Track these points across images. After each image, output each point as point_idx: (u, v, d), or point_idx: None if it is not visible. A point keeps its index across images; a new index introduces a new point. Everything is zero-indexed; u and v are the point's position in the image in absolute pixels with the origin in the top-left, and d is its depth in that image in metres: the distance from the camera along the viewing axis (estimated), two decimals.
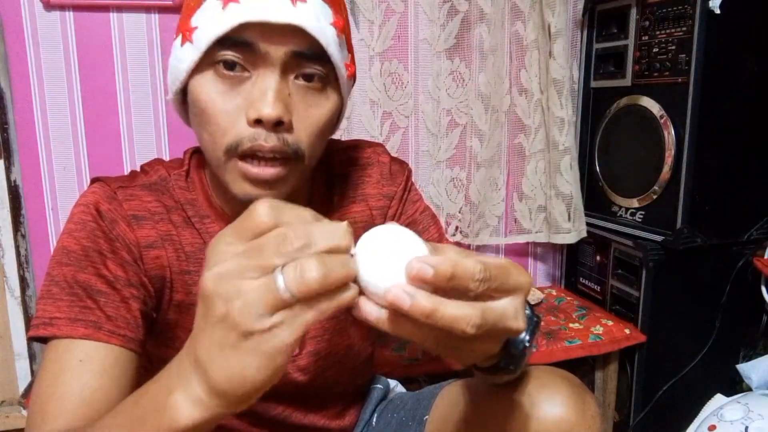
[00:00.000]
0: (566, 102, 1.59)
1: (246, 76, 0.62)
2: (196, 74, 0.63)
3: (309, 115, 0.64)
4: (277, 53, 0.60)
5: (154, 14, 1.46)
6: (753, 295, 1.51)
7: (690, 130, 1.34)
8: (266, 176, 0.63)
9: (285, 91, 0.62)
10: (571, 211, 1.65)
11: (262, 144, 0.61)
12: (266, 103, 0.59)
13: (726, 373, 1.54)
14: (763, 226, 1.47)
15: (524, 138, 1.71)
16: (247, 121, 0.61)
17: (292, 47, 0.61)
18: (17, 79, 1.41)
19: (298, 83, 0.63)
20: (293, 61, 0.61)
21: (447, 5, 1.57)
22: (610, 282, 1.59)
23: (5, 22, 1.38)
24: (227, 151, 0.63)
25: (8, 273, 1.45)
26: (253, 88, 0.61)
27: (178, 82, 0.65)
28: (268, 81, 0.60)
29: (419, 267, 0.41)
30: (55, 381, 0.60)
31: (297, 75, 0.63)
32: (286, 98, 0.62)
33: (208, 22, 0.61)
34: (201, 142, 0.67)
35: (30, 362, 1.49)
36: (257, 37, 0.60)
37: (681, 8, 1.35)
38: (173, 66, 0.66)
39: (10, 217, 1.43)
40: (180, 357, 0.45)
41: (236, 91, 0.62)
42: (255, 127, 0.61)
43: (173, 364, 0.46)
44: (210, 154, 0.66)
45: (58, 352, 0.62)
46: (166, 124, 1.51)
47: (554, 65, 1.58)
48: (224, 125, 0.62)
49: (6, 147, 1.42)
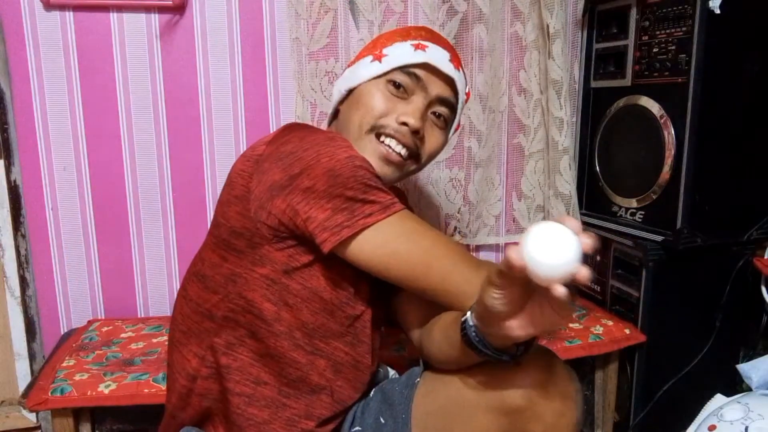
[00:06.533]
0: (565, 102, 1.59)
1: (403, 97, 0.91)
2: (370, 81, 0.91)
3: (432, 138, 0.94)
4: (432, 91, 0.92)
5: (154, 14, 1.46)
6: (753, 295, 1.51)
7: (690, 130, 1.34)
8: (392, 158, 0.89)
9: (425, 116, 0.92)
10: (570, 210, 1.65)
11: (400, 137, 0.89)
12: (415, 117, 0.89)
13: (726, 373, 1.54)
14: (763, 226, 1.47)
15: (523, 138, 1.71)
16: (397, 120, 0.89)
17: (442, 93, 0.93)
18: (17, 79, 1.41)
19: (432, 117, 0.93)
20: (437, 101, 0.93)
21: (446, 5, 1.57)
22: (610, 282, 1.59)
23: (5, 22, 1.38)
24: (373, 127, 0.89)
25: (8, 273, 1.45)
26: (408, 105, 0.90)
27: (353, 83, 0.93)
28: (420, 104, 0.91)
29: (589, 242, 0.60)
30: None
31: (434, 111, 0.93)
32: (425, 120, 0.92)
33: (398, 54, 0.91)
34: (347, 122, 0.92)
35: (30, 362, 1.49)
36: (425, 75, 0.91)
37: (681, 8, 1.35)
38: (356, 72, 0.94)
39: (10, 217, 1.43)
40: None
41: (393, 102, 0.90)
42: (400, 125, 0.89)
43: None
44: (354, 127, 0.90)
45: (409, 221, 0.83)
46: (166, 124, 1.51)
47: (553, 66, 1.58)
48: (378, 113, 0.89)
49: (6, 147, 1.42)
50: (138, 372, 1.21)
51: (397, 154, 0.89)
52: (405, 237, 0.79)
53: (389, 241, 0.78)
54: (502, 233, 1.77)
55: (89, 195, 1.50)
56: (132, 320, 1.51)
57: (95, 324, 1.48)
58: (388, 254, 0.78)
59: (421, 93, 0.91)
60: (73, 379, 1.18)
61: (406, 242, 0.79)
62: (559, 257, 0.58)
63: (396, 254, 0.78)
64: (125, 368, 1.23)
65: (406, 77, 0.90)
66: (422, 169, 0.98)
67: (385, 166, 0.89)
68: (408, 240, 0.79)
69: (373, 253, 0.78)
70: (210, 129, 1.54)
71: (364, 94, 0.91)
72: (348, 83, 0.94)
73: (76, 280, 1.53)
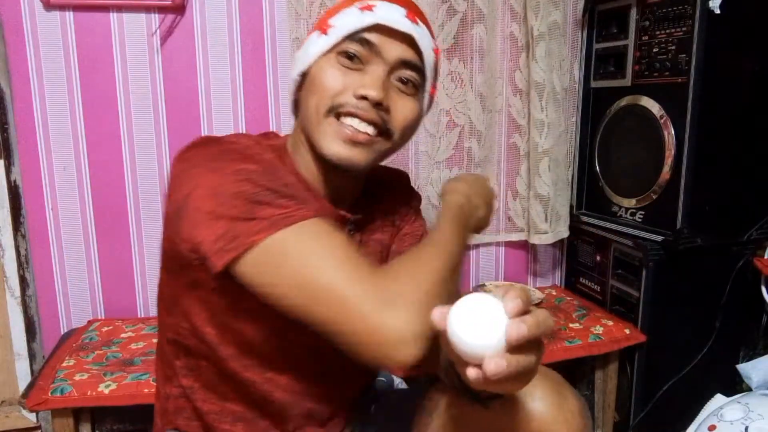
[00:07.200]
0: (546, 104, 1.60)
1: (359, 68, 0.78)
2: (321, 58, 0.79)
3: (401, 107, 0.80)
4: (389, 55, 0.78)
5: (154, 14, 1.46)
6: (753, 295, 1.51)
7: (690, 130, 1.34)
8: (359, 137, 0.77)
9: (387, 83, 0.78)
10: (548, 212, 1.66)
11: (361, 113, 0.76)
12: (374, 87, 0.76)
13: (726, 373, 1.54)
14: (763, 226, 1.47)
15: (519, 137, 1.72)
16: (354, 95, 0.76)
17: (403, 54, 0.78)
18: (17, 79, 1.41)
19: (397, 83, 0.80)
20: (399, 66, 0.79)
21: (446, 5, 1.57)
22: (610, 282, 1.59)
23: (5, 22, 1.38)
24: (330, 108, 0.77)
25: (8, 273, 1.45)
26: (365, 76, 0.77)
27: (304, 64, 0.81)
28: (378, 72, 0.77)
29: (518, 334, 0.49)
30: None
31: (398, 77, 0.79)
32: (388, 89, 0.78)
33: (344, 21, 0.78)
34: (305, 109, 0.81)
35: (30, 362, 1.49)
36: (379, 40, 0.77)
37: (681, 8, 1.35)
38: (304, 52, 0.82)
39: (10, 217, 1.43)
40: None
41: (350, 75, 0.78)
42: (359, 101, 0.76)
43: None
44: (311, 113, 0.79)
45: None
46: (166, 124, 1.51)
47: (535, 68, 1.59)
48: (333, 91, 0.77)
49: (6, 147, 1.42)
50: (138, 372, 1.21)
51: (363, 133, 0.77)
52: (291, 257, 0.66)
53: (271, 263, 0.66)
54: (500, 231, 1.78)
55: (89, 195, 1.50)
56: (132, 320, 1.51)
57: (95, 324, 1.48)
58: (271, 276, 0.67)
59: (377, 59, 0.77)
60: (73, 379, 1.18)
61: (291, 263, 0.66)
62: (475, 337, 0.50)
63: (278, 276, 0.67)
64: (125, 368, 1.23)
65: (357, 45, 0.77)
66: (401, 145, 0.85)
67: (353, 149, 0.77)
68: (295, 260, 0.66)
69: (260, 277, 0.67)
70: (210, 129, 1.53)
71: (316, 74, 0.79)
72: (299, 67, 0.82)
73: (76, 280, 1.52)
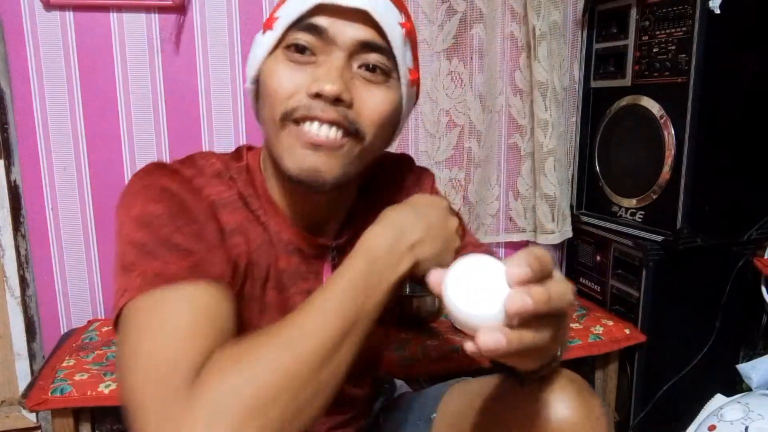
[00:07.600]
0: (550, 104, 1.60)
1: (313, 61, 0.65)
2: (268, 57, 0.67)
3: (369, 99, 0.66)
4: (344, 39, 0.64)
5: (154, 14, 1.46)
6: (753, 295, 1.50)
7: (690, 130, 1.34)
8: (321, 140, 0.64)
9: (348, 74, 0.65)
10: (555, 212, 1.66)
11: (318, 114, 0.63)
12: (328, 80, 0.63)
13: (726, 373, 1.54)
14: (763, 226, 1.47)
15: (519, 138, 1.72)
16: (307, 93, 0.64)
17: (360, 35, 0.65)
18: (17, 79, 1.41)
19: (361, 72, 0.66)
20: (359, 50, 0.65)
21: (445, 5, 1.57)
22: (610, 282, 1.59)
23: (5, 22, 1.38)
24: (283, 116, 0.65)
25: (8, 273, 1.45)
26: (318, 68, 0.65)
27: (254, 69, 0.69)
28: (333, 62, 0.64)
29: (518, 307, 0.45)
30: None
31: (361, 65, 0.66)
32: (348, 80, 0.65)
33: (288, 10, 0.66)
34: (263, 121, 0.70)
35: (30, 362, 1.49)
36: (328, 23, 0.64)
37: (681, 8, 1.35)
38: (253, 54, 0.70)
39: (10, 217, 1.43)
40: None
41: (302, 71, 0.65)
42: (314, 100, 0.63)
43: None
44: (269, 125, 0.68)
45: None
46: (166, 124, 1.51)
47: (538, 68, 1.59)
48: (283, 95, 0.65)
49: (6, 147, 1.42)
50: None
51: (324, 137, 0.64)
52: (131, 335, 0.56)
53: (124, 331, 0.57)
54: (500, 232, 1.77)
55: (89, 195, 1.50)
56: None
57: (95, 324, 1.48)
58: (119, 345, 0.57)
59: (330, 47, 0.65)
60: (73, 379, 1.18)
61: (129, 342, 0.55)
62: (469, 304, 0.45)
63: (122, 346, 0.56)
64: None
65: (304, 33, 0.65)
66: (381, 146, 0.72)
67: (314, 156, 0.64)
68: (132, 340, 0.55)
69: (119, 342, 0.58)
70: (210, 129, 1.53)
71: (265, 77, 0.67)
72: (250, 73, 0.71)
73: (76, 280, 1.52)
